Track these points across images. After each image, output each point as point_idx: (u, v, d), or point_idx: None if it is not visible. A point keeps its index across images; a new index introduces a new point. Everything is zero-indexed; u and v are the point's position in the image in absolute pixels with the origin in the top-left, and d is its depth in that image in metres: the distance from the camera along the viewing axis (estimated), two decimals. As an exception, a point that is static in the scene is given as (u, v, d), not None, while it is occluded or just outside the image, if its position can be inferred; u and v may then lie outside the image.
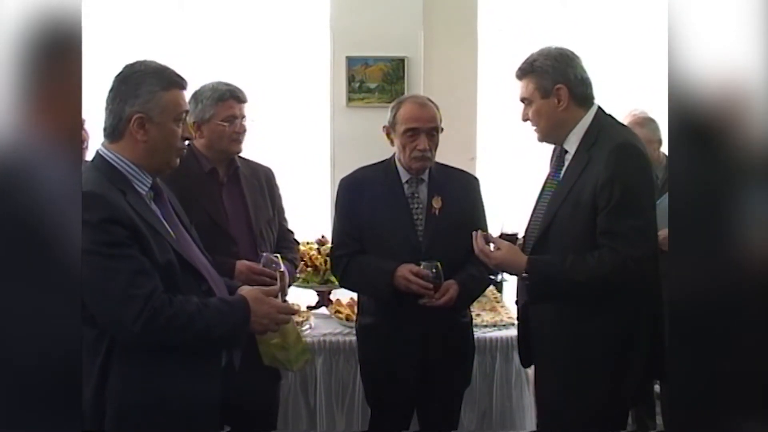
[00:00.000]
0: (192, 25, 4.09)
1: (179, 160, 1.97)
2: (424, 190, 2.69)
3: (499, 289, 3.67)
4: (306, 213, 3.89)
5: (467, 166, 3.20)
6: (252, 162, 2.85)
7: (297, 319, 3.19)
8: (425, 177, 2.69)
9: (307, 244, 3.56)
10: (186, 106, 1.94)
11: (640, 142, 2.28)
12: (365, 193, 2.71)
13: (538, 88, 2.27)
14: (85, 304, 1.68)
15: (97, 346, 1.78)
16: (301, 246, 3.44)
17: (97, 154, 1.90)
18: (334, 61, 4.05)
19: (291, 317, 2.14)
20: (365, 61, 4.03)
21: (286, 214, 2.95)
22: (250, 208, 2.71)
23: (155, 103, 1.85)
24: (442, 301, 2.53)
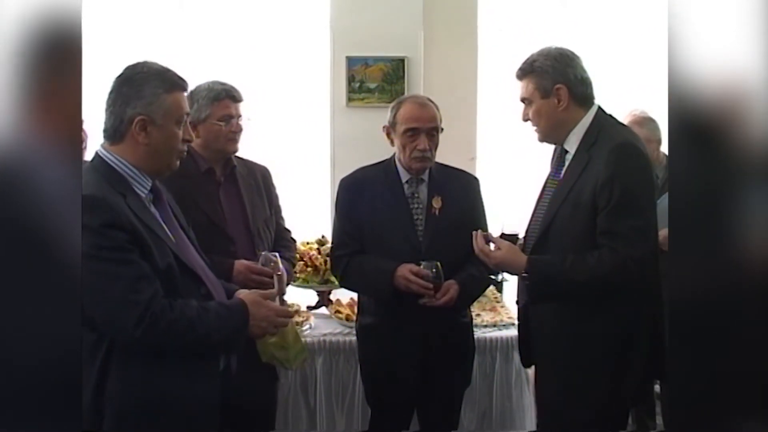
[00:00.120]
0: (192, 25, 4.09)
1: (179, 162, 1.96)
2: (424, 190, 2.69)
3: (499, 289, 3.67)
4: (306, 213, 3.90)
5: (467, 166, 3.20)
6: (248, 161, 2.84)
7: (297, 319, 3.19)
8: (425, 177, 2.69)
9: (307, 244, 3.56)
10: (187, 109, 1.93)
11: (640, 142, 2.28)
12: (365, 193, 2.71)
13: (538, 88, 2.27)
14: (85, 308, 1.67)
15: (96, 348, 1.78)
16: (301, 246, 3.45)
17: (97, 156, 1.89)
18: (334, 61, 4.05)
19: (289, 320, 2.14)
20: (365, 61, 4.03)
21: (284, 213, 2.94)
22: (247, 207, 2.71)
23: (158, 106, 1.84)
24: (442, 301, 2.53)
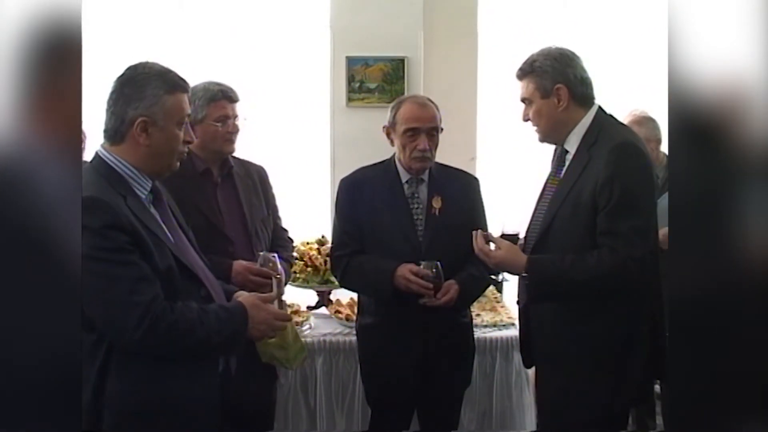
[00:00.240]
0: (192, 25, 4.09)
1: (179, 164, 1.96)
2: (424, 190, 2.69)
3: (499, 289, 3.67)
4: (306, 213, 3.90)
5: (467, 166, 3.20)
6: (245, 161, 2.84)
7: (297, 318, 3.19)
8: (425, 177, 2.69)
9: (307, 244, 3.56)
10: (188, 110, 1.92)
11: (640, 142, 2.28)
12: (365, 193, 2.71)
13: (538, 88, 2.27)
14: (85, 309, 1.67)
15: (95, 349, 1.78)
16: (300, 246, 3.45)
17: (97, 156, 1.88)
18: (334, 61, 4.05)
19: (288, 323, 2.14)
20: (365, 61, 4.03)
21: (284, 213, 2.94)
22: (245, 207, 2.71)
23: (159, 107, 1.83)
24: (443, 301, 2.53)
